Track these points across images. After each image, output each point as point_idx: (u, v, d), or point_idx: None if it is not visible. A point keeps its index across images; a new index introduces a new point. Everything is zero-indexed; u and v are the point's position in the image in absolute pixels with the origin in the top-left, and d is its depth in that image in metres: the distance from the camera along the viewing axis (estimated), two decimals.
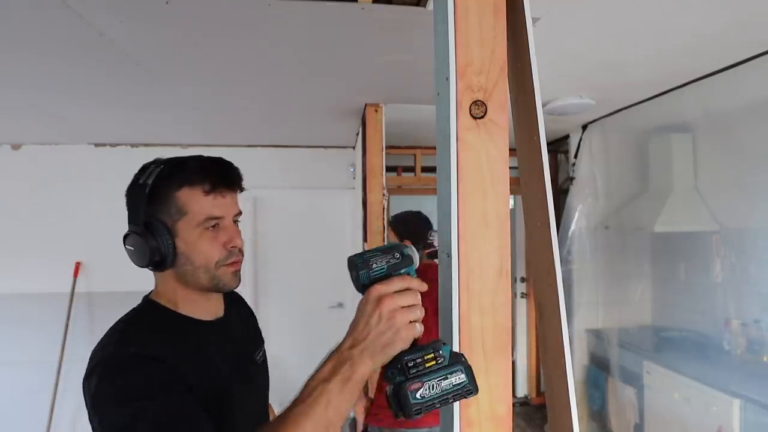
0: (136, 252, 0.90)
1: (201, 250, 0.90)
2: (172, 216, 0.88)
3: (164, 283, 0.95)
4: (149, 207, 0.88)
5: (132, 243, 0.90)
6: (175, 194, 0.88)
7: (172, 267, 0.90)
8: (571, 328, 3.52)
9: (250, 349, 1.08)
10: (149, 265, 0.90)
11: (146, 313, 0.94)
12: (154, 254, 0.88)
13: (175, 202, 0.88)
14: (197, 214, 0.89)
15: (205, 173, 0.90)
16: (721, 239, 2.63)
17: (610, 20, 1.80)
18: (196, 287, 0.93)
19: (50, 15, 1.57)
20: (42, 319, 3.63)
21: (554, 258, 0.77)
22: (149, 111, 2.88)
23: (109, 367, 0.80)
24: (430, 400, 0.61)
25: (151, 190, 0.88)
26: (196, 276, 0.91)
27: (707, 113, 2.59)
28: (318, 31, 1.74)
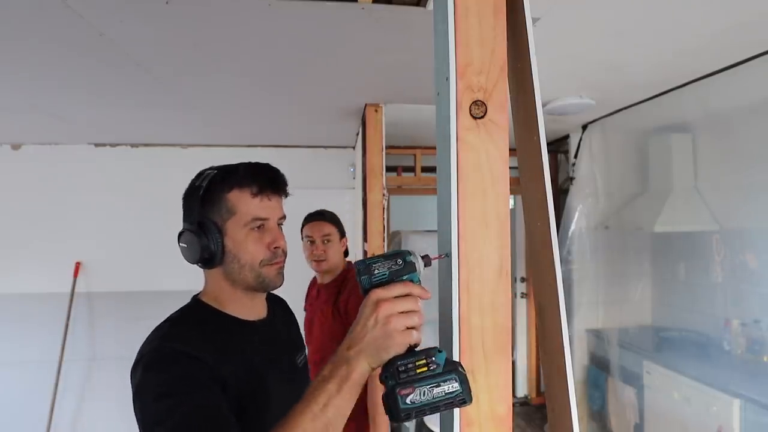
0: (188, 249, 0.96)
1: (247, 249, 0.95)
2: (222, 216, 0.95)
3: (212, 281, 1.00)
4: (202, 208, 0.95)
5: (185, 240, 0.96)
6: (226, 196, 0.95)
7: (221, 265, 0.96)
8: (571, 328, 3.52)
9: (292, 352, 1.12)
10: (199, 262, 0.96)
11: (192, 312, 0.99)
12: (204, 251, 0.94)
13: (225, 203, 0.95)
14: (245, 214, 0.95)
15: (254, 177, 0.98)
16: (721, 239, 2.63)
17: (610, 20, 1.80)
18: (242, 285, 0.98)
19: (50, 15, 1.57)
20: (42, 319, 3.63)
21: (554, 258, 0.77)
22: (149, 111, 2.88)
23: (152, 360, 0.85)
24: (421, 405, 0.61)
25: (205, 192, 0.96)
26: (242, 274, 0.96)
27: (707, 113, 2.60)
28: (318, 31, 1.74)
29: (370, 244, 2.56)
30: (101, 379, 3.66)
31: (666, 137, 2.90)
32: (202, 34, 1.76)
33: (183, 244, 0.97)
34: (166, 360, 0.84)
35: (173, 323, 0.94)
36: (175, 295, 3.33)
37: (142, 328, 0.99)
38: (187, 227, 0.97)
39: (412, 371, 0.63)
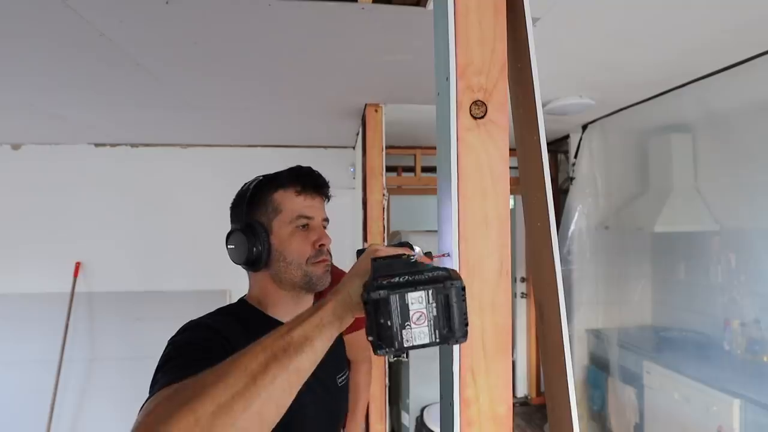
0: (236, 249, 0.97)
1: (293, 247, 0.98)
2: (269, 215, 0.98)
3: (258, 284, 1.01)
4: (249, 210, 0.99)
5: (234, 241, 0.98)
6: (271, 196, 1.00)
7: (266, 267, 0.98)
8: (571, 328, 3.52)
9: (333, 369, 1.08)
10: (247, 263, 0.97)
11: (235, 308, 1.00)
12: (251, 250, 0.95)
13: (271, 203, 0.99)
14: (290, 211, 0.99)
15: (297, 177, 1.02)
16: (721, 239, 2.63)
17: (610, 20, 1.80)
18: (289, 284, 0.99)
19: (50, 15, 1.57)
20: (42, 319, 3.63)
21: (554, 258, 0.77)
22: (149, 111, 2.88)
23: (186, 326, 0.89)
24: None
25: (251, 195, 1.00)
26: (289, 272, 0.98)
27: (707, 113, 2.60)
28: (318, 31, 1.74)
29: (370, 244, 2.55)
30: (101, 379, 3.66)
31: (666, 137, 2.90)
32: (202, 34, 1.76)
33: (231, 246, 0.99)
34: (193, 327, 0.88)
35: (215, 312, 0.96)
36: (175, 295, 3.37)
37: (142, 328, 0.99)
38: (234, 227, 1.00)
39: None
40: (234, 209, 1.03)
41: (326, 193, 1.07)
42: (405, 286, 0.54)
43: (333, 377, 1.07)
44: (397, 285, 0.54)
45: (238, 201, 1.03)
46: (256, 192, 1.00)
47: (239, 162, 4.02)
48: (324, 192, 1.05)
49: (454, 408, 0.67)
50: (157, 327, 0.99)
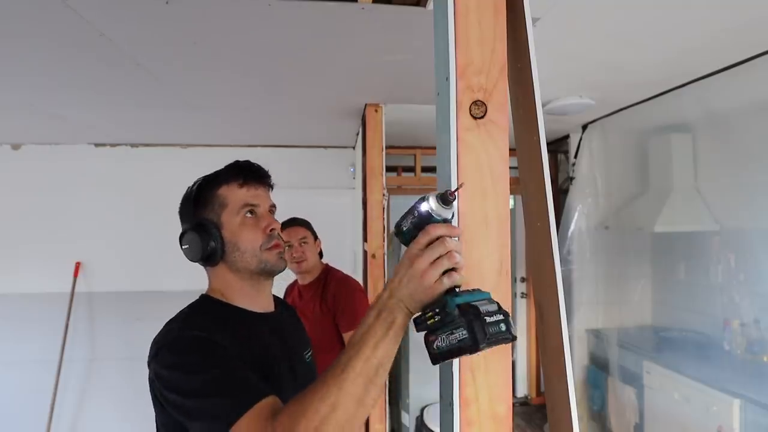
0: (191, 248, 1.01)
1: (245, 236, 1.02)
2: (216, 210, 1.02)
3: (217, 278, 1.05)
4: (196, 210, 1.03)
5: (187, 241, 1.02)
6: (215, 192, 1.03)
7: (222, 259, 1.02)
8: (571, 328, 3.52)
9: (300, 347, 1.17)
10: (203, 259, 1.02)
11: (202, 306, 1.03)
12: (206, 247, 1.00)
13: (216, 198, 1.03)
14: (235, 202, 1.03)
15: (237, 170, 1.05)
16: (721, 239, 2.63)
17: (610, 20, 1.80)
18: (247, 273, 1.03)
19: (50, 15, 1.57)
20: (42, 319, 3.63)
21: (554, 258, 0.77)
22: (149, 111, 2.88)
23: (177, 345, 0.90)
24: (446, 350, 0.64)
25: (196, 195, 1.04)
26: (245, 261, 1.02)
27: (707, 113, 2.60)
28: (318, 31, 1.74)
29: (370, 244, 2.56)
30: (101, 379, 3.66)
31: (666, 137, 2.90)
32: (202, 34, 1.76)
33: (185, 245, 1.02)
34: (191, 344, 0.89)
35: (187, 316, 0.99)
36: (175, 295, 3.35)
37: (142, 328, 1.00)
38: (185, 228, 1.03)
39: (431, 319, 0.67)
40: (182, 213, 1.07)
41: (268, 183, 1.11)
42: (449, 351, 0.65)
43: (301, 355, 1.16)
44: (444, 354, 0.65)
45: (184, 204, 1.06)
46: (199, 192, 1.04)
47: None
48: (266, 181, 1.10)
49: (454, 407, 0.67)
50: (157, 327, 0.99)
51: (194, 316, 0.99)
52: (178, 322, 0.97)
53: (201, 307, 1.03)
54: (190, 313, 1.00)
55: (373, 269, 2.54)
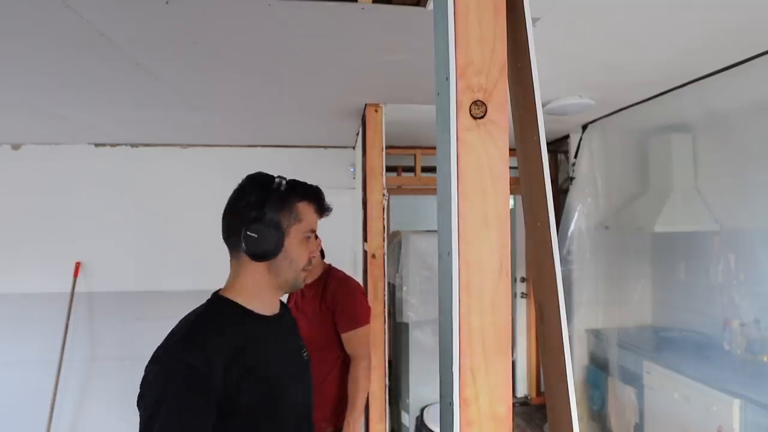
0: (260, 239, 1.05)
1: (299, 252, 1.11)
2: (290, 219, 1.10)
3: (251, 273, 1.09)
4: (279, 208, 1.09)
5: (258, 230, 1.05)
6: (296, 204, 1.12)
7: (270, 261, 1.08)
8: (571, 328, 3.52)
9: (300, 346, 1.25)
10: (261, 253, 1.06)
11: (215, 311, 1.06)
12: (273, 244, 1.06)
13: (295, 209, 1.11)
14: (307, 223, 1.13)
15: (318, 197, 1.17)
16: (721, 239, 2.63)
17: (610, 20, 1.80)
18: (282, 281, 1.11)
19: (50, 15, 1.57)
20: (42, 319, 3.63)
21: (554, 258, 0.77)
22: (149, 111, 2.88)
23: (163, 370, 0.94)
24: None
25: (282, 195, 1.10)
26: (287, 270, 1.10)
27: (707, 113, 2.60)
28: (318, 31, 1.74)
29: (370, 244, 2.56)
30: (101, 379, 3.66)
31: (666, 137, 2.90)
32: (202, 33, 1.76)
33: (252, 234, 1.04)
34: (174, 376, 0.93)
35: (194, 326, 1.01)
36: (175, 295, 3.38)
37: (142, 328, 1.00)
38: (260, 217, 1.06)
39: None
40: (259, 200, 1.08)
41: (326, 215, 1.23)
42: None
43: (301, 352, 1.24)
44: None
45: (265, 193, 1.09)
46: (285, 194, 1.10)
47: (239, 162, 4.02)
48: (327, 215, 1.22)
49: (454, 408, 0.67)
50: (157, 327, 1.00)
51: (201, 328, 1.01)
52: (183, 331, 1.00)
53: (214, 313, 1.06)
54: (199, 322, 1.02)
55: (373, 269, 2.54)
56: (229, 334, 1.01)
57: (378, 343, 2.47)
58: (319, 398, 2.09)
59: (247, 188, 1.12)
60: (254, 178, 1.15)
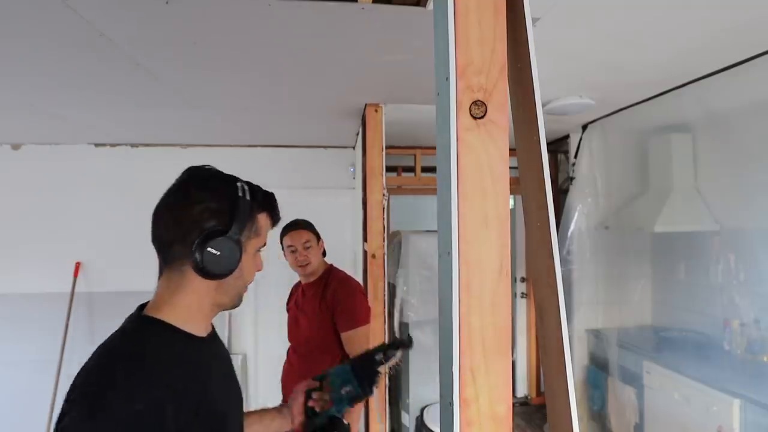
0: (223, 258, 0.87)
1: (251, 269, 0.97)
2: (250, 234, 0.94)
3: (195, 291, 0.90)
4: (244, 220, 0.92)
5: (223, 248, 0.87)
6: (256, 216, 0.96)
7: (222, 278, 0.91)
8: (571, 328, 3.52)
9: (231, 363, 1.09)
10: (217, 271, 0.88)
11: (146, 339, 0.87)
12: (233, 261, 0.89)
13: (255, 222, 0.95)
14: (263, 237, 0.99)
15: (274, 207, 1.01)
16: (721, 239, 2.63)
17: (610, 20, 1.80)
18: (226, 299, 0.95)
19: (50, 15, 1.57)
20: (42, 319, 3.63)
21: (554, 258, 0.77)
22: (149, 111, 2.88)
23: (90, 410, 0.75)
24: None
25: (247, 206, 0.93)
26: (237, 289, 0.96)
27: (707, 113, 2.60)
28: (318, 31, 1.74)
29: (370, 244, 2.56)
30: None
31: (666, 137, 2.90)
32: (201, 33, 1.76)
33: (215, 250, 0.87)
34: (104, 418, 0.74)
35: (125, 359, 0.81)
36: None
37: None
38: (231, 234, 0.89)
39: None
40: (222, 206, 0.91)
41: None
42: None
43: (233, 371, 1.07)
44: None
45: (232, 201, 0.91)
46: (251, 204, 0.94)
47: (239, 162, 4.01)
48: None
49: (454, 408, 0.67)
50: None
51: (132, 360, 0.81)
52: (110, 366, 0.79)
53: (144, 342, 0.85)
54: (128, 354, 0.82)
55: (373, 269, 2.54)
56: (173, 365, 0.83)
57: (378, 343, 2.47)
58: None
59: (201, 189, 0.92)
60: (211, 177, 0.97)
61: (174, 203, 0.91)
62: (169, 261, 0.90)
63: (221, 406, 0.92)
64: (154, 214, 0.92)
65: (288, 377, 2.21)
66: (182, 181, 0.95)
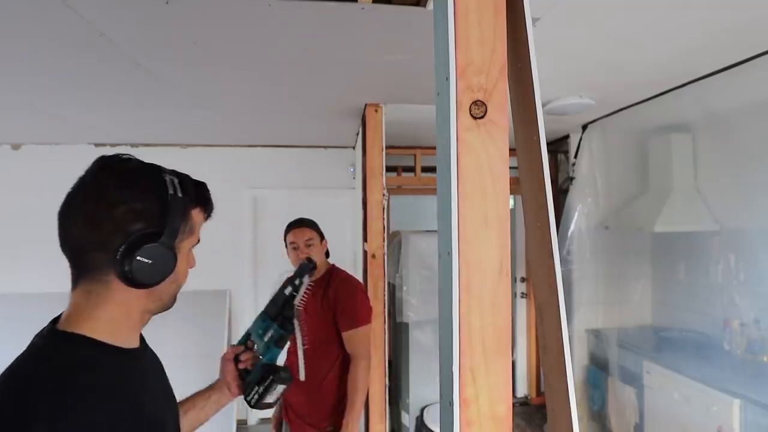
0: (157, 266, 0.76)
1: (184, 270, 0.86)
2: (184, 233, 0.82)
3: (123, 302, 0.78)
4: (178, 220, 0.80)
5: (156, 255, 0.75)
6: (190, 213, 0.84)
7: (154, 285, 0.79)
8: (571, 328, 3.52)
9: (164, 373, 0.97)
10: (147, 281, 0.76)
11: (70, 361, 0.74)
12: (167, 269, 0.78)
13: (189, 220, 0.84)
14: (197, 236, 0.87)
15: (207, 201, 0.89)
16: (721, 239, 2.63)
17: (610, 20, 1.80)
18: (159, 304, 0.84)
19: (50, 15, 1.57)
20: (42, 319, 3.61)
21: (554, 258, 0.77)
22: (149, 111, 2.88)
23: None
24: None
25: (180, 201, 0.80)
26: (170, 293, 0.84)
27: (707, 113, 2.60)
28: (318, 31, 1.74)
29: (370, 244, 2.56)
30: None
31: (666, 137, 2.90)
32: (202, 34, 1.76)
33: (146, 259, 0.74)
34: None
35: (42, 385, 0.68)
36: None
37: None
38: (164, 238, 0.77)
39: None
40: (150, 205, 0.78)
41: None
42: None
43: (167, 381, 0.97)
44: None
45: (161, 200, 0.79)
46: (184, 204, 0.82)
47: (239, 162, 4.02)
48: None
49: (454, 408, 0.67)
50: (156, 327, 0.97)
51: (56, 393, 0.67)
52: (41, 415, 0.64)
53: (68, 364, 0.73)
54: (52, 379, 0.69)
55: (373, 269, 2.55)
56: (100, 386, 0.72)
57: (378, 343, 2.47)
58: (318, 397, 2.10)
59: (121, 186, 0.79)
60: (132, 171, 0.83)
61: (86, 203, 0.79)
62: (87, 270, 0.78)
63: (159, 418, 0.83)
64: (61, 215, 0.80)
65: None
66: (94, 175, 0.82)
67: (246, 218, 4.04)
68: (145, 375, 0.85)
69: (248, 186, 4.04)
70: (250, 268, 3.98)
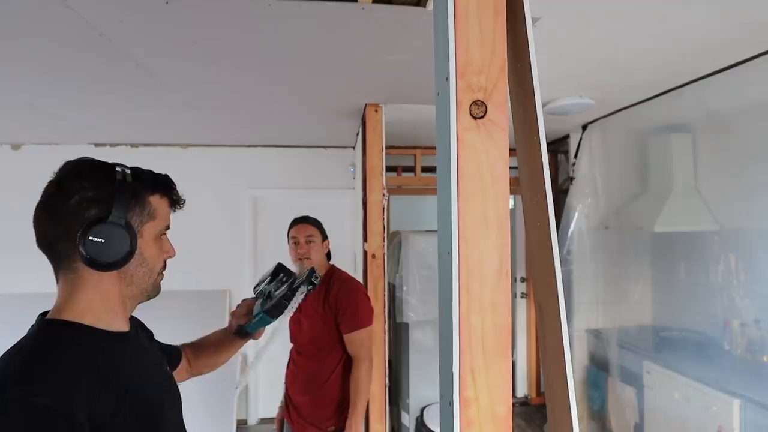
0: (109, 245, 0.84)
1: (155, 254, 0.93)
2: (143, 218, 0.91)
3: (96, 286, 0.86)
4: (127, 203, 0.88)
5: (107, 235, 0.83)
6: (148, 199, 0.93)
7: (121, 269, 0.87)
8: (571, 328, 3.53)
9: (163, 361, 1.07)
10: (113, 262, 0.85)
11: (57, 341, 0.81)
12: (122, 247, 0.85)
13: (147, 206, 0.92)
14: (162, 219, 0.95)
15: (170, 187, 0.98)
16: (721, 239, 2.63)
17: (611, 20, 1.80)
18: (138, 291, 0.92)
19: (50, 15, 1.57)
20: None
21: (554, 258, 0.77)
22: (149, 111, 2.88)
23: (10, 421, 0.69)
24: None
25: (130, 188, 0.90)
26: (144, 278, 0.92)
27: (707, 113, 2.60)
28: (318, 31, 1.74)
29: (370, 244, 2.56)
30: None
31: (666, 137, 2.90)
32: (202, 34, 1.76)
33: (97, 238, 0.83)
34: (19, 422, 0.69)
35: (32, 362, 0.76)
36: (175, 295, 3.37)
37: None
38: (113, 218, 0.85)
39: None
40: (100, 192, 0.87)
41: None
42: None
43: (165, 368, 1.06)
44: None
45: (108, 186, 0.88)
46: (134, 187, 0.91)
47: (239, 162, 4.02)
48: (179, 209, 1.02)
49: (454, 408, 0.67)
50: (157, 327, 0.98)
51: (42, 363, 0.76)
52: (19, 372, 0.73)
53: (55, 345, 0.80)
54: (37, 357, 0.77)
55: (373, 269, 2.55)
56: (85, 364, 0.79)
57: (378, 343, 2.47)
58: (321, 398, 2.10)
59: (75, 181, 0.89)
60: (84, 166, 0.93)
61: (49, 200, 0.88)
62: (60, 262, 0.86)
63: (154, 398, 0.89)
64: (34, 217, 0.88)
65: (292, 379, 2.21)
66: (55, 176, 0.93)
67: (246, 218, 4.04)
68: (136, 358, 0.92)
69: (248, 186, 4.04)
70: (250, 268, 3.97)
